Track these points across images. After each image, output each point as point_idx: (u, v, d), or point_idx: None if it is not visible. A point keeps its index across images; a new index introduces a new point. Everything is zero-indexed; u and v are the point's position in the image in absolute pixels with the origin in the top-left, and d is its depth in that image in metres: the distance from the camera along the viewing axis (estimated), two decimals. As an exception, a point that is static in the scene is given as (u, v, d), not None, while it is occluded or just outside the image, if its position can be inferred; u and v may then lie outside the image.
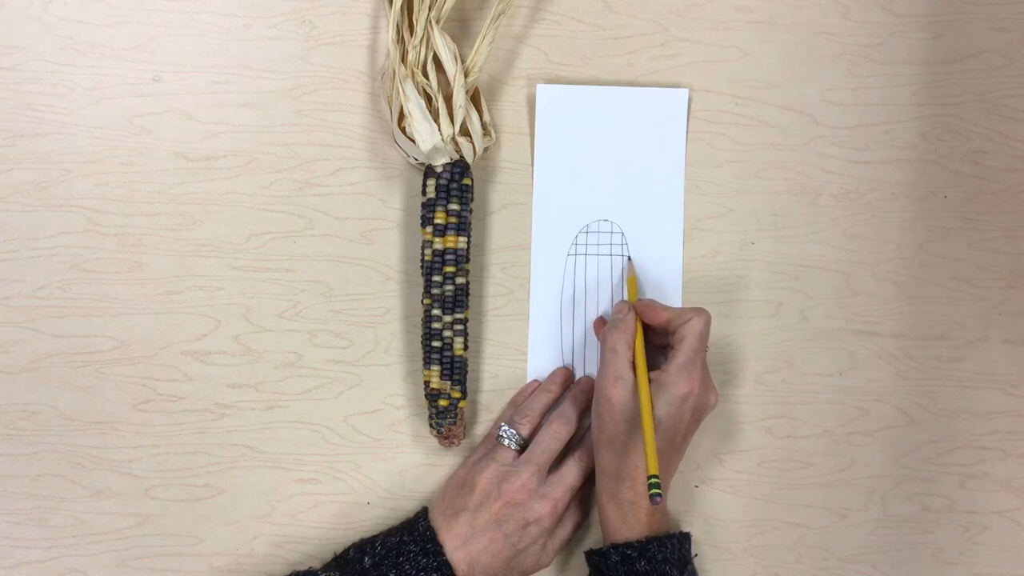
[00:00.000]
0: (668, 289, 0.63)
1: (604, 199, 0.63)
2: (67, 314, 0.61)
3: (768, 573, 0.63)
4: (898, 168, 0.64)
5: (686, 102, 0.63)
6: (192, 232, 0.62)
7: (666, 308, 0.58)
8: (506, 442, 0.58)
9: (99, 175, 0.62)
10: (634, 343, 0.57)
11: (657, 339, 0.60)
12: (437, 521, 0.57)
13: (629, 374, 0.56)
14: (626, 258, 0.63)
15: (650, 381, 0.55)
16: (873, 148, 0.64)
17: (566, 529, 0.59)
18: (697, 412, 0.56)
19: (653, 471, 0.51)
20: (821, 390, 0.64)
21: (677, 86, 0.64)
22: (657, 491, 0.51)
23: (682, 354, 0.56)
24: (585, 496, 0.61)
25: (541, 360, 0.63)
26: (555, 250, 0.63)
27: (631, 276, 0.62)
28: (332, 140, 0.62)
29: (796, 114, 0.64)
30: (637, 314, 0.59)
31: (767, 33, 0.64)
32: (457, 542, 0.55)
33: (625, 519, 0.55)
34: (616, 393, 0.55)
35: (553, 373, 0.62)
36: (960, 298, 0.64)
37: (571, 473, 0.58)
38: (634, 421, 0.55)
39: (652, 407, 0.54)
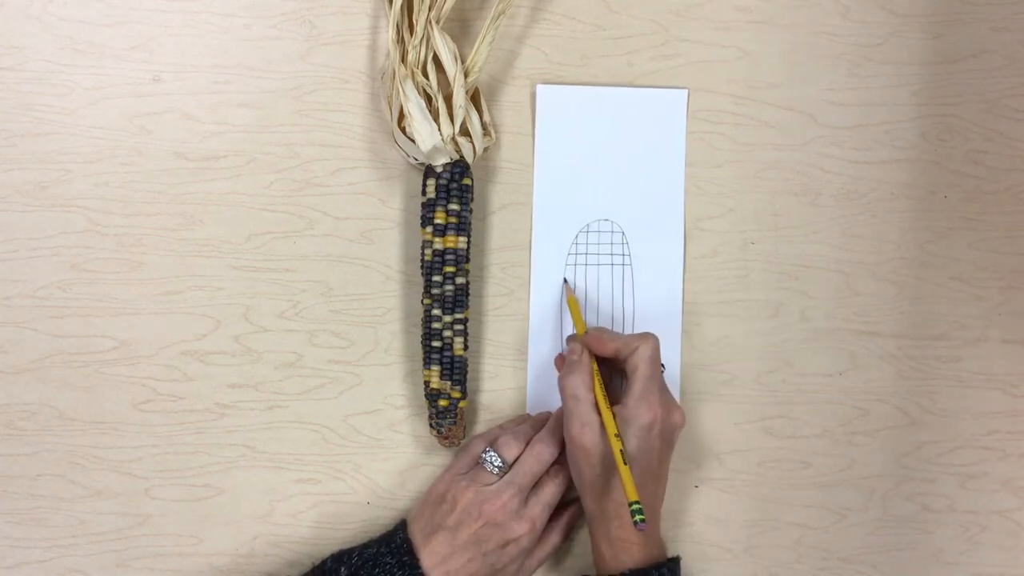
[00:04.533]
0: (668, 290, 0.63)
1: (604, 199, 0.63)
2: (67, 314, 0.61)
3: (768, 573, 0.63)
4: (898, 168, 0.64)
5: (685, 102, 0.63)
6: (192, 232, 0.62)
7: (613, 338, 0.59)
8: (488, 467, 0.58)
9: (99, 175, 0.61)
10: (592, 383, 0.57)
11: (614, 363, 0.60)
12: (415, 535, 0.57)
13: (594, 417, 0.56)
14: (562, 279, 0.62)
15: (614, 416, 0.56)
16: (873, 148, 0.64)
17: (544, 550, 0.59)
18: (666, 436, 0.56)
19: (633, 497, 0.52)
20: (821, 390, 0.64)
21: (677, 86, 0.64)
22: (641, 517, 0.51)
23: (637, 384, 0.56)
24: (567, 520, 0.61)
25: (541, 361, 0.63)
26: (555, 250, 0.63)
27: (570, 298, 0.62)
28: (332, 140, 0.62)
29: (796, 114, 0.64)
30: (589, 351, 0.59)
31: (767, 33, 0.64)
32: (435, 559, 0.55)
33: (617, 556, 0.56)
34: (586, 439, 0.55)
35: (543, 413, 0.62)
36: (960, 298, 0.64)
37: (548, 492, 0.58)
38: (609, 462, 0.55)
39: (621, 441, 0.54)
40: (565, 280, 0.63)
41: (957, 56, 0.64)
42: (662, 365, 0.58)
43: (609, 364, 0.60)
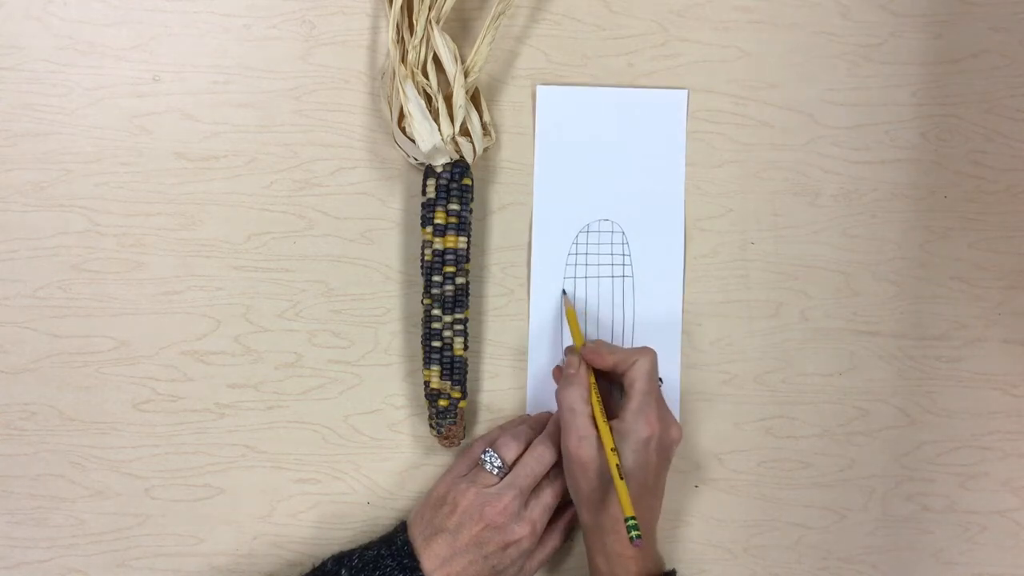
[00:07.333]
0: (668, 290, 0.63)
1: (604, 199, 0.63)
2: (67, 314, 0.61)
3: (768, 573, 0.63)
4: (898, 168, 0.64)
5: (685, 102, 0.63)
6: (192, 232, 0.62)
7: (612, 351, 0.58)
8: (488, 467, 0.58)
9: (99, 175, 0.61)
10: (590, 396, 0.57)
11: (612, 376, 0.60)
12: (416, 538, 0.57)
13: (591, 431, 0.56)
14: (561, 291, 0.62)
15: (611, 430, 0.56)
16: (873, 148, 0.64)
17: (544, 551, 0.59)
18: (662, 451, 0.56)
19: (628, 513, 0.52)
20: (821, 390, 0.64)
21: (677, 86, 0.64)
22: (636, 533, 0.51)
23: (635, 399, 0.56)
24: (566, 522, 0.61)
25: (541, 361, 0.63)
26: (555, 250, 0.63)
27: (569, 310, 0.62)
28: (332, 140, 0.62)
29: (796, 114, 0.64)
30: (587, 364, 0.59)
31: (767, 33, 0.64)
32: (436, 562, 0.55)
33: (614, 571, 0.55)
34: (583, 453, 0.55)
35: (543, 413, 0.62)
36: (960, 298, 0.64)
37: (548, 494, 0.58)
38: (606, 476, 0.55)
39: (618, 456, 0.54)
40: (564, 292, 0.62)
41: (957, 56, 0.64)
42: (660, 379, 0.58)
43: (607, 377, 0.60)
